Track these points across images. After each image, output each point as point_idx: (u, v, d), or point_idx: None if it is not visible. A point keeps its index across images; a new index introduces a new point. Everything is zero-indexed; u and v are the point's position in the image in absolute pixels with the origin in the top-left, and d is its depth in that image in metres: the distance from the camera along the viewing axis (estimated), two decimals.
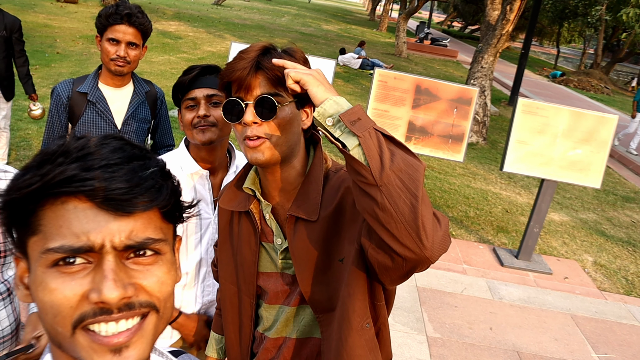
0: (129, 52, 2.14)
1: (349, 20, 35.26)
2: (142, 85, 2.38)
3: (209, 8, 25.06)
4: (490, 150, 8.73)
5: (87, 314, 0.55)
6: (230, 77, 1.12)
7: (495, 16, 8.85)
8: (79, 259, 0.56)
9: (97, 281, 0.55)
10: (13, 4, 15.19)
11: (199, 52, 13.09)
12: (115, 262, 0.56)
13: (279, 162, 1.16)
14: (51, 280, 0.55)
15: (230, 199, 1.30)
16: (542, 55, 38.54)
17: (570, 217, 6.31)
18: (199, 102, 1.56)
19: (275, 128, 1.12)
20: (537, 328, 3.80)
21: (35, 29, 12.29)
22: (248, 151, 1.14)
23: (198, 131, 1.55)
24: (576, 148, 4.45)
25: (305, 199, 1.19)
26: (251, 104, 1.10)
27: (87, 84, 2.22)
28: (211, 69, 1.60)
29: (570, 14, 23.00)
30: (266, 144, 1.12)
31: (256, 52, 1.12)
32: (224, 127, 1.58)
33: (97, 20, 2.14)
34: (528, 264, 4.73)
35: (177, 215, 0.65)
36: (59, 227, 0.55)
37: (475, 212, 5.87)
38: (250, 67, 1.10)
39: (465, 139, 4.44)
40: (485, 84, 8.87)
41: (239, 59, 1.12)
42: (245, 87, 1.11)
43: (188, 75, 1.57)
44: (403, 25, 18.43)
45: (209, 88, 1.56)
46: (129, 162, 0.58)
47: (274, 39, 17.68)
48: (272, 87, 1.12)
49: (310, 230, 1.19)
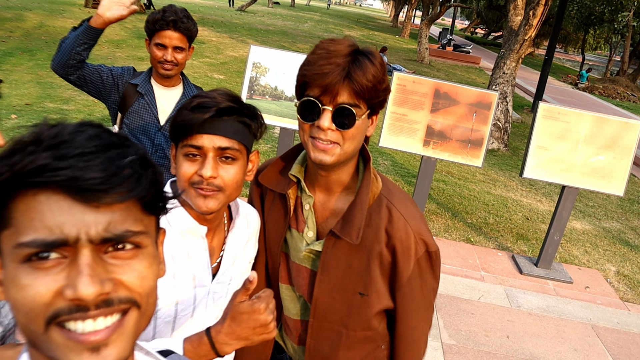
0: (175, 55, 2.24)
1: (372, 26, 35.26)
2: (192, 89, 2.46)
3: (233, 14, 25.34)
4: (511, 157, 8.61)
5: (62, 310, 0.51)
6: (316, 82, 1.11)
7: (518, 21, 8.75)
8: (53, 254, 0.52)
9: (72, 277, 0.51)
10: (42, 10, 15.61)
11: (221, 57, 13.24)
12: (91, 256, 0.53)
13: (339, 164, 1.21)
14: (23, 276, 0.52)
15: (270, 177, 1.34)
16: (566, 62, 37.95)
17: (592, 225, 6.18)
18: (205, 153, 1.11)
19: (348, 136, 1.15)
20: (556, 338, 3.71)
21: (63, 34, 12.58)
22: (314, 151, 1.16)
23: (197, 194, 1.12)
24: (599, 154, 4.35)
25: (350, 222, 1.21)
26: (330, 111, 1.12)
27: (141, 77, 2.35)
28: (231, 110, 1.12)
29: (596, 20, 22.61)
30: (335, 149, 1.15)
31: (346, 57, 1.10)
32: (232, 192, 1.16)
33: (146, 26, 2.24)
34: (548, 272, 4.63)
35: (158, 206, 0.61)
36: (31, 219, 0.52)
37: (495, 219, 5.79)
38: (340, 77, 1.09)
39: (484, 144, 4.38)
40: (507, 90, 8.76)
41: (326, 60, 1.10)
42: (328, 93, 1.11)
43: (197, 114, 1.09)
44: (425, 31, 18.37)
45: (224, 137, 1.11)
46: (105, 151, 0.54)
47: (296, 44, 17.77)
48: (354, 97, 1.12)
49: (348, 250, 1.24)
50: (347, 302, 1.28)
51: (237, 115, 1.13)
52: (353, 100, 1.12)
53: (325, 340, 1.33)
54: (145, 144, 2.36)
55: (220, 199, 1.13)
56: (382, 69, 1.14)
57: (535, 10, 7.78)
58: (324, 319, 1.31)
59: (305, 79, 1.13)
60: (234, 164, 1.14)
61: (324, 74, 1.08)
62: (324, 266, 1.26)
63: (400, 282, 1.25)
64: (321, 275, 1.27)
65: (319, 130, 1.13)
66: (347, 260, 1.25)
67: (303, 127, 1.17)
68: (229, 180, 1.13)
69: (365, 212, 1.21)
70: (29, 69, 9.07)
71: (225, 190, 1.14)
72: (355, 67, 1.09)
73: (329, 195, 1.28)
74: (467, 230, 5.35)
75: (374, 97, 1.14)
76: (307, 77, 1.12)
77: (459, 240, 5.08)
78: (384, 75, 1.15)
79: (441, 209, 5.79)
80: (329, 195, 1.28)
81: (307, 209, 1.29)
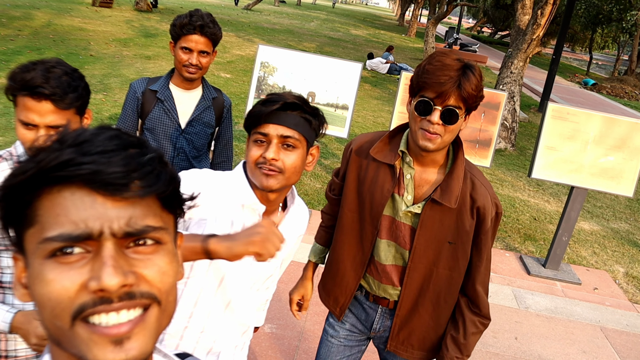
0: (200, 59, 2.26)
1: (378, 25, 35.20)
2: (211, 91, 2.47)
3: (239, 13, 25.36)
4: (518, 157, 8.58)
5: (87, 304, 0.53)
6: (433, 88, 1.45)
7: (526, 21, 8.70)
8: (77, 249, 0.54)
9: (96, 269, 0.53)
10: (50, 8, 15.67)
11: (228, 56, 13.25)
12: (114, 249, 0.54)
13: (438, 150, 1.55)
14: (49, 272, 0.53)
15: (378, 151, 1.67)
16: (574, 61, 37.73)
17: (601, 226, 6.14)
18: (270, 140, 1.32)
19: (449, 130, 1.50)
20: (564, 339, 3.70)
21: (71, 32, 12.63)
22: (422, 139, 1.51)
23: (261, 173, 1.32)
24: (608, 155, 4.33)
25: (449, 192, 1.58)
26: (439, 110, 1.47)
27: (159, 83, 2.35)
28: (295, 105, 1.34)
29: (604, 19, 22.47)
30: (438, 140, 1.51)
31: (457, 71, 1.44)
32: (291, 175, 1.35)
33: (172, 29, 2.25)
34: (556, 273, 4.61)
35: (176, 203, 0.63)
36: (57, 215, 0.54)
37: (502, 219, 5.77)
38: (453, 86, 1.43)
39: (492, 144, 4.37)
40: (515, 89, 8.72)
41: (442, 71, 1.44)
42: (442, 96, 1.45)
43: (267, 107, 1.32)
44: (432, 30, 18.31)
45: (286, 127, 1.32)
46: (125, 149, 0.56)
47: (302, 43, 17.77)
48: (459, 102, 1.47)
49: (442, 211, 1.62)
50: (438, 249, 1.66)
51: (300, 111, 1.33)
52: (458, 104, 1.47)
53: (419, 277, 1.71)
54: (167, 148, 2.37)
55: (279, 179, 1.33)
56: (481, 80, 1.49)
57: (544, 9, 7.74)
58: (419, 260, 1.68)
59: (424, 85, 1.47)
60: (294, 151, 1.33)
61: (440, 83, 1.44)
62: (423, 224, 1.63)
63: (479, 233, 1.66)
64: (420, 230, 1.64)
65: (429, 124, 1.49)
66: (441, 219, 1.63)
67: (415, 119, 1.53)
68: (289, 164, 1.33)
69: (461, 184, 1.59)
70: None
71: (284, 172, 1.33)
72: (464, 79, 1.44)
73: (424, 169, 1.64)
74: None
75: (474, 102, 1.49)
76: (426, 84, 1.46)
77: None
78: (482, 84, 1.50)
79: None
80: (424, 169, 1.64)
81: (409, 178, 1.65)
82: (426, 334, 1.81)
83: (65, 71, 1.42)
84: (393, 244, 1.72)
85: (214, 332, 1.49)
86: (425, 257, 1.68)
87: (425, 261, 1.69)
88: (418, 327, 1.79)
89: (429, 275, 1.71)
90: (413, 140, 1.59)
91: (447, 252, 1.67)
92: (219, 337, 1.51)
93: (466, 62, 1.47)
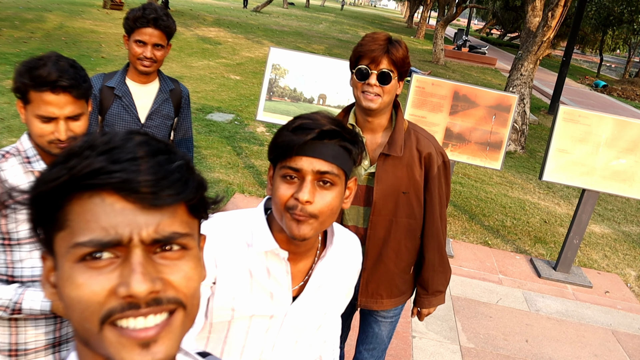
0: (155, 52, 2.27)
1: (387, 27, 35.18)
2: (168, 83, 2.48)
3: (248, 15, 25.46)
4: (528, 159, 8.54)
5: (115, 309, 0.54)
6: (366, 55, 1.72)
7: (536, 23, 8.67)
8: (106, 254, 0.55)
9: (126, 275, 0.54)
10: (62, 11, 15.82)
11: (237, 58, 13.32)
12: (143, 255, 0.56)
13: (380, 111, 1.80)
14: (79, 275, 0.55)
15: None
16: (584, 63, 37.49)
17: (612, 229, 6.11)
18: (303, 176, 1.08)
19: (387, 91, 1.75)
20: (575, 342, 3.69)
21: (82, 35, 12.76)
22: (365, 100, 1.75)
23: (291, 219, 1.09)
24: (620, 158, 4.31)
25: (394, 143, 1.81)
26: (375, 73, 1.73)
27: (116, 79, 2.35)
28: (333, 133, 1.09)
29: (615, 21, 22.31)
30: (379, 100, 1.75)
31: (385, 41, 1.73)
32: (327, 219, 1.11)
33: (125, 23, 2.25)
34: (567, 276, 4.60)
35: (202, 210, 0.64)
36: (87, 221, 0.55)
37: (512, 222, 5.75)
38: (381, 51, 1.71)
39: (503, 147, 4.36)
40: (525, 91, 8.69)
41: (373, 42, 1.72)
42: (375, 61, 1.73)
43: (298, 135, 1.07)
44: (441, 32, 18.28)
45: (324, 161, 1.08)
46: (154, 156, 0.57)
47: (311, 45, 17.81)
48: (390, 65, 1.74)
49: (393, 164, 1.84)
50: (395, 199, 1.87)
51: (339, 139, 1.09)
52: (390, 67, 1.74)
53: (381, 229, 1.90)
54: None
55: (314, 225, 1.09)
56: (406, 50, 1.77)
57: (554, 11, 7.71)
58: (379, 214, 1.87)
59: (359, 54, 1.75)
60: (332, 189, 1.10)
61: (372, 50, 1.72)
62: (378, 178, 1.84)
63: (428, 180, 1.90)
64: (377, 185, 1.84)
65: (368, 86, 1.74)
66: (393, 172, 1.84)
67: (357, 85, 1.78)
68: (324, 206, 1.09)
69: (403, 135, 1.83)
70: None
71: (319, 217, 1.09)
72: (392, 47, 1.74)
73: (373, 135, 1.87)
74: (485, 233, 5.32)
75: (402, 66, 1.76)
76: (361, 53, 1.74)
77: (477, 243, 5.06)
78: (408, 55, 1.78)
79: (458, 212, 5.77)
80: (373, 135, 1.87)
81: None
82: (392, 281, 2.01)
83: (70, 63, 1.47)
84: (355, 206, 1.92)
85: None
86: (384, 208, 1.87)
87: (385, 213, 1.88)
88: (384, 276, 1.99)
89: (389, 226, 1.91)
90: (358, 107, 1.83)
91: (403, 202, 1.88)
92: None
93: (392, 37, 1.77)
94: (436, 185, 1.91)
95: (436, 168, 1.89)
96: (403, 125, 1.86)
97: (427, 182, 1.91)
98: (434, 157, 1.88)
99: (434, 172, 1.89)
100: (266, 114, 4.47)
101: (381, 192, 1.85)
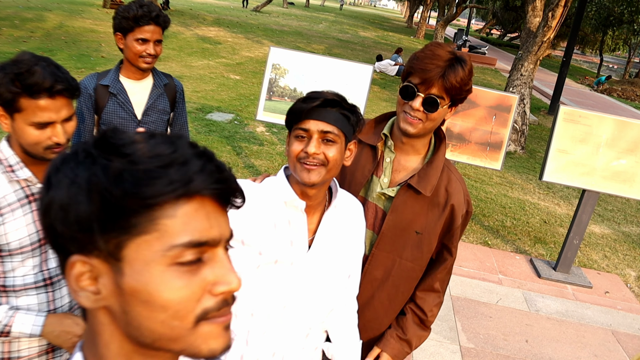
0: (155, 48, 2.29)
1: (386, 27, 35.18)
2: (161, 78, 2.47)
3: (248, 14, 25.45)
4: (528, 160, 8.54)
5: (212, 307, 0.59)
6: (418, 74, 1.51)
7: (536, 23, 8.67)
8: (197, 256, 0.59)
9: (222, 274, 0.60)
10: (62, 10, 15.82)
11: (237, 57, 13.31)
12: (226, 254, 0.62)
13: (419, 136, 1.62)
14: (175, 279, 0.57)
15: (364, 133, 1.73)
16: (584, 63, 37.50)
17: (612, 229, 6.11)
18: (311, 135, 1.35)
19: (431, 118, 1.56)
20: (575, 343, 3.68)
21: (82, 34, 12.75)
22: (403, 122, 1.58)
23: (302, 168, 1.35)
24: (620, 158, 4.31)
25: (426, 180, 1.63)
26: (422, 97, 1.53)
27: (109, 77, 2.35)
28: (334, 102, 1.37)
29: (615, 22, 22.31)
30: (419, 125, 1.57)
31: (446, 62, 1.49)
32: (332, 168, 1.37)
33: (123, 22, 2.21)
34: (567, 277, 4.60)
35: None
36: (185, 224, 0.57)
37: (512, 222, 5.75)
38: (436, 74, 1.49)
39: (503, 147, 4.36)
40: (525, 92, 8.69)
41: (431, 59, 1.49)
42: (426, 83, 1.51)
43: (307, 104, 1.35)
44: (441, 32, 18.28)
45: (327, 123, 1.35)
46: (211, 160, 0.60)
47: (311, 45, 17.80)
48: (442, 91, 1.52)
49: (415, 198, 1.64)
50: (405, 237, 1.66)
51: (339, 108, 1.36)
52: (441, 94, 1.52)
53: (380, 267, 1.70)
54: None
55: (321, 173, 1.35)
56: (470, 74, 1.53)
57: (555, 11, 7.71)
58: (384, 249, 1.68)
59: (411, 69, 1.54)
60: (334, 145, 1.35)
61: (426, 70, 1.50)
62: (394, 208, 1.65)
63: (450, 228, 1.69)
64: (390, 214, 1.65)
65: (410, 109, 1.55)
66: (412, 206, 1.64)
67: (400, 102, 1.59)
68: (330, 157, 1.35)
69: (438, 175, 1.64)
70: None
71: (326, 165, 1.35)
72: (450, 70, 1.49)
73: (404, 156, 1.69)
74: (485, 233, 5.32)
75: (458, 94, 1.54)
76: (414, 70, 1.53)
77: (476, 243, 5.06)
78: (470, 79, 1.54)
79: None
80: (404, 156, 1.69)
81: (388, 162, 1.69)
82: (376, 331, 1.78)
83: (54, 64, 1.41)
84: (368, 230, 1.73)
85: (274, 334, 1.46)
86: (390, 243, 1.68)
87: (390, 248, 1.68)
88: (370, 323, 1.76)
89: (390, 266, 1.70)
90: (397, 124, 1.65)
91: (413, 242, 1.68)
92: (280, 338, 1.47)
93: (458, 56, 1.52)
94: (457, 237, 1.72)
95: (460, 218, 1.69)
96: (442, 161, 1.67)
97: (448, 231, 1.70)
98: (461, 205, 1.68)
99: (458, 219, 1.69)
100: (266, 113, 4.47)
101: (393, 224, 1.66)
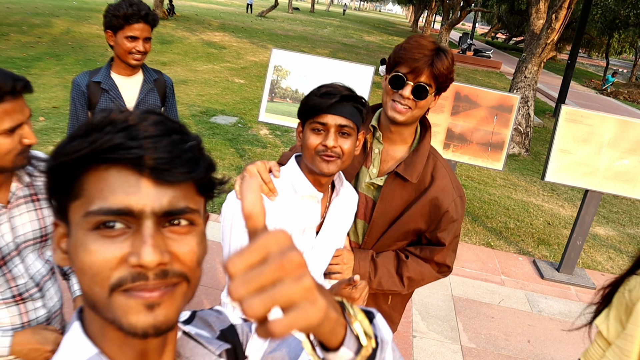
0: (145, 45, 2.38)
1: (391, 31, 35.23)
2: (151, 73, 2.56)
3: (253, 20, 25.58)
4: (532, 162, 8.52)
5: (126, 278, 0.57)
6: (407, 63, 1.56)
7: (540, 25, 8.67)
8: (118, 224, 0.58)
9: (137, 245, 0.57)
10: (69, 16, 15.97)
11: (242, 62, 13.38)
12: (154, 228, 0.58)
13: (407, 124, 1.65)
14: (92, 243, 0.58)
15: None
16: (590, 67, 37.35)
17: (616, 231, 6.07)
18: (329, 129, 1.42)
19: (419, 106, 1.61)
20: (578, 343, 3.66)
21: (89, 39, 12.87)
22: (391, 110, 1.62)
23: (321, 160, 1.43)
24: (623, 158, 4.29)
25: (412, 167, 1.68)
26: (411, 85, 1.57)
27: (101, 74, 2.44)
28: (350, 97, 1.44)
29: (621, 24, 22.23)
30: (408, 113, 1.61)
31: (432, 51, 1.55)
32: (346, 159, 1.46)
33: (113, 20, 2.32)
34: (570, 278, 4.57)
35: (210, 189, 0.67)
36: (101, 190, 0.58)
37: (516, 224, 5.73)
38: (425, 62, 1.54)
39: (505, 147, 4.36)
40: (529, 94, 8.68)
41: (418, 49, 1.54)
42: (415, 72, 1.55)
43: (326, 99, 1.41)
44: (446, 36, 18.29)
45: (343, 117, 1.42)
46: (169, 135, 0.60)
47: (316, 49, 17.86)
48: (430, 79, 1.57)
49: (403, 185, 1.70)
50: (396, 225, 1.72)
51: (353, 102, 1.44)
52: (429, 82, 1.57)
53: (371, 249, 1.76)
54: None
55: (338, 164, 1.44)
56: (452, 63, 1.59)
57: (558, 13, 7.70)
58: (376, 237, 1.74)
59: (399, 60, 1.58)
60: (349, 138, 1.44)
61: (415, 59, 1.54)
62: (383, 197, 1.71)
63: (440, 213, 1.70)
64: (380, 203, 1.71)
65: (400, 97, 1.59)
66: (400, 193, 1.70)
67: (388, 92, 1.62)
68: (346, 149, 1.44)
69: (424, 162, 1.69)
70: (56, 73, 9.29)
71: (342, 157, 1.44)
72: (437, 59, 1.55)
73: (392, 146, 1.74)
74: (488, 235, 5.31)
75: (444, 81, 1.59)
76: (402, 59, 1.57)
77: (479, 244, 5.05)
78: (453, 68, 1.60)
79: None
80: (392, 146, 1.74)
81: (377, 152, 1.74)
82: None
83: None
84: (360, 220, 1.78)
85: None
86: (381, 232, 1.74)
87: (381, 237, 1.74)
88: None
89: (381, 247, 1.77)
90: (384, 114, 1.68)
91: (403, 229, 1.74)
92: None
93: (440, 46, 1.59)
94: (448, 222, 1.73)
95: (450, 200, 1.70)
96: (427, 149, 1.72)
97: (438, 212, 1.72)
98: (448, 189, 1.71)
99: (447, 204, 1.70)
100: (268, 115, 4.49)
101: (382, 211, 1.72)
